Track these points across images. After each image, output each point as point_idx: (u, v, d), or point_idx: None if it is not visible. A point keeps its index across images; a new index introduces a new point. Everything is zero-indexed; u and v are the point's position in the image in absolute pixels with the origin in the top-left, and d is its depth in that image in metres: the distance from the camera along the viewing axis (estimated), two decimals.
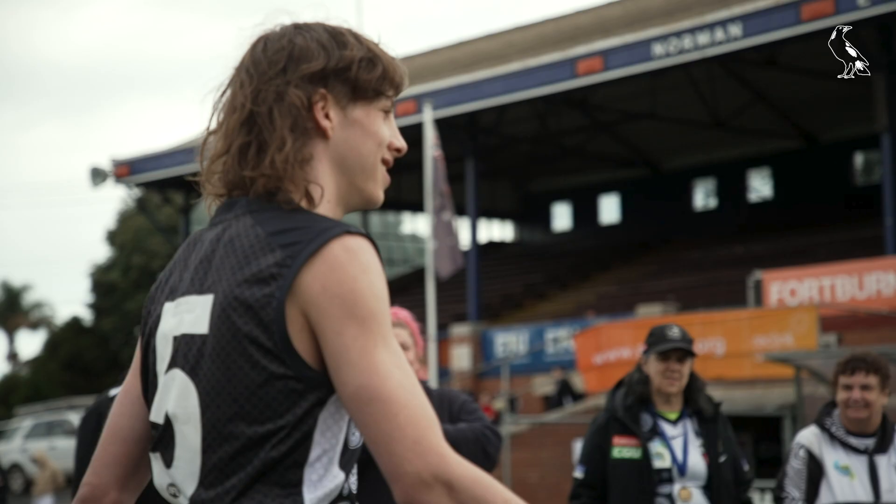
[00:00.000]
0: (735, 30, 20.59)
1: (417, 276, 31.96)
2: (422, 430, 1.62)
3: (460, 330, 26.10)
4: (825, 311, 17.97)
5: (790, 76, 25.41)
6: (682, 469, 4.73)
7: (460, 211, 30.67)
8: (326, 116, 1.81)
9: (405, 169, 30.93)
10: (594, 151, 31.34)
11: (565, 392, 20.82)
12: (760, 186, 31.95)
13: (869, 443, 4.76)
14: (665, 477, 4.72)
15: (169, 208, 35.15)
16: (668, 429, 4.80)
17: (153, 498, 2.07)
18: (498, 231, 38.17)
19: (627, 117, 28.64)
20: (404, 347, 4.31)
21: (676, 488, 4.72)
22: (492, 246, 35.95)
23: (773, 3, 20.29)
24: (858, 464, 4.73)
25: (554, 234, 35.88)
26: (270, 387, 1.67)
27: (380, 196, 1.86)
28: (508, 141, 29.11)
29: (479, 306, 26.27)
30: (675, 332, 4.85)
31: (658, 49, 21.54)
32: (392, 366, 1.65)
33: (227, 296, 1.70)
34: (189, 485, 1.73)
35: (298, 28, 1.83)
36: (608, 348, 17.80)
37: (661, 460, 4.74)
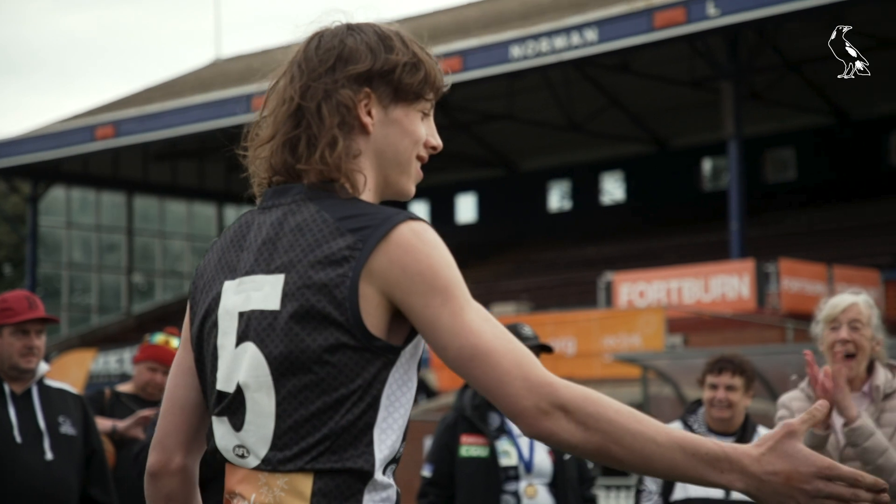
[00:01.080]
0: (590, 35, 20.98)
1: None
2: (526, 368, 1.79)
3: None
4: (672, 312, 18.43)
5: (643, 82, 25.99)
6: (528, 467, 4.81)
7: None
8: (368, 113, 1.94)
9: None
10: (452, 151, 31.55)
11: (418, 389, 20.89)
12: (613, 189, 32.59)
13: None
14: (511, 474, 4.80)
15: (16, 197, 34.18)
16: (516, 427, 4.87)
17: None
18: None
19: (485, 118, 28.91)
20: None
21: (522, 485, 4.79)
22: None
23: (627, 10, 20.73)
24: None
25: None
26: (342, 356, 1.81)
27: (411, 190, 2.02)
28: None
29: None
30: (528, 331, 4.94)
31: (516, 51, 21.81)
32: (481, 321, 1.81)
33: (302, 275, 1.83)
34: (261, 447, 1.85)
35: (351, 29, 1.97)
36: None
37: (508, 458, 4.81)
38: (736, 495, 4.76)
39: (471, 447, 4.83)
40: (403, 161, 1.98)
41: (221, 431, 1.91)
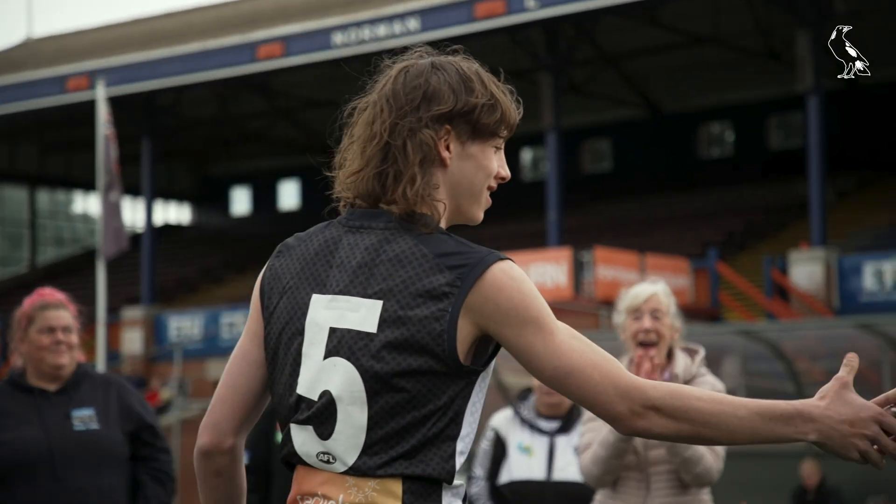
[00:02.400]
0: (413, 24, 21.11)
1: (88, 257, 30.94)
2: (614, 377, 2.01)
3: (132, 313, 25.49)
4: None
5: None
6: None
7: (136, 192, 29.94)
8: (447, 148, 2.11)
9: (77, 147, 29.88)
10: (275, 136, 31.32)
11: None
12: None
13: (555, 425, 5.01)
14: None
15: None
16: None
17: None
18: (175, 213, 37.48)
19: (308, 104, 28.79)
20: (68, 330, 4.23)
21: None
22: (168, 228, 35.25)
23: (448, 0, 20.93)
24: (540, 444, 4.97)
25: (233, 218, 35.60)
26: (432, 378, 2.00)
27: (480, 216, 2.20)
28: (187, 122, 28.63)
29: (152, 289, 25.73)
30: None
31: (338, 38, 21.78)
32: (568, 340, 2.04)
33: (402, 304, 2.01)
34: (351, 455, 2.02)
35: (434, 67, 2.15)
36: None
37: None
38: (557, 476, 4.92)
39: None
40: (476, 192, 2.15)
41: (303, 438, 2.06)
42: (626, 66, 26.35)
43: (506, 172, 2.19)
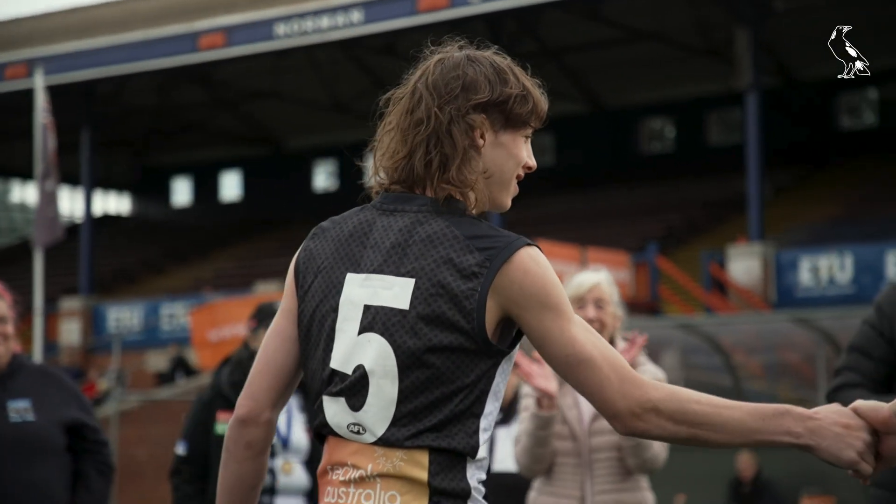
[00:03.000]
0: (356, 16, 21.06)
1: (25, 246, 30.54)
2: (621, 375, 2.10)
3: (70, 304, 25.22)
4: None
5: (407, 65, 26.21)
6: (285, 443, 4.85)
7: (76, 181, 29.60)
8: (482, 136, 2.21)
9: (15, 136, 29.46)
10: (217, 127, 31.10)
11: (179, 368, 20.59)
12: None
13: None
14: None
15: None
16: None
17: None
18: (115, 203, 37.10)
19: (251, 95, 28.61)
20: (4, 320, 4.19)
21: (279, 462, 4.83)
22: (108, 218, 34.89)
23: None
24: None
25: (173, 209, 35.30)
26: (462, 355, 2.09)
27: (508, 203, 2.28)
28: (128, 112, 28.35)
29: (91, 280, 25.47)
30: None
31: (281, 29, 21.67)
32: (584, 332, 2.12)
33: (433, 283, 2.10)
34: (380, 426, 2.11)
35: (470, 60, 2.24)
36: (224, 325, 17.76)
37: None
38: (496, 468, 4.95)
39: (227, 424, 4.83)
40: (507, 179, 2.24)
41: (335, 410, 2.15)
42: (568, 60, 26.46)
43: (533, 162, 2.27)
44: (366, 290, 2.15)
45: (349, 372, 2.13)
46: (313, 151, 32.70)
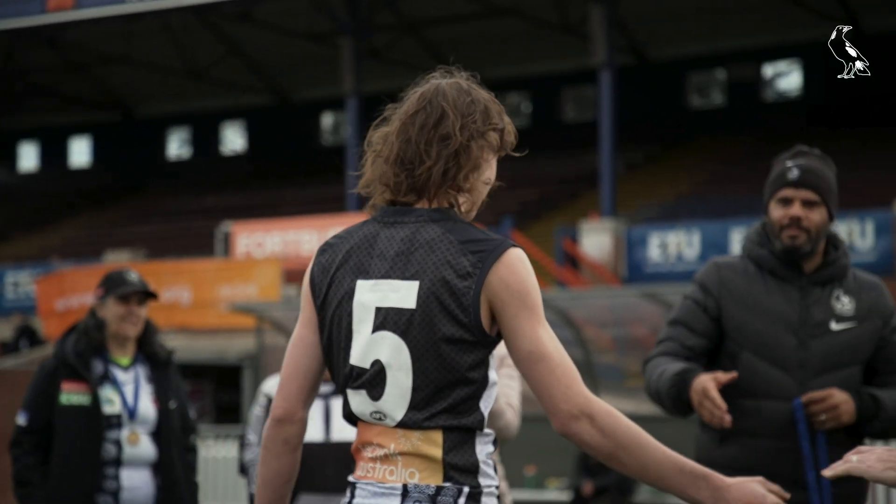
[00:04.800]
0: None
1: None
2: (570, 380, 2.39)
3: None
4: (289, 264, 18.64)
5: (264, 33, 25.93)
6: (132, 414, 4.78)
7: None
8: (488, 153, 2.55)
9: None
10: (65, 91, 30.26)
11: (24, 337, 20.06)
12: (233, 139, 32.41)
13: (328, 388, 4.99)
14: (114, 422, 4.74)
15: None
16: (120, 374, 4.83)
17: None
18: None
19: (102, 59, 27.92)
20: None
21: (125, 433, 4.76)
22: None
23: None
24: (315, 407, 4.97)
25: (19, 175, 34.26)
26: (463, 346, 2.40)
27: (472, 216, 2.57)
28: None
29: None
30: (134, 276, 4.89)
31: None
32: (549, 337, 2.42)
33: (435, 283, 2.40)
34: (398, 412, 2.43)
35: (469, 87, 2.57)
36: (72, 294, 17.39)
37: (112, 406, 4.75)
38: (335, 437, 4.96)
39: (72, 394, 4.73)
40: (484, 193, 2.58)
41: (358, 401, 2.47)
42: (426, 33, 26.49)
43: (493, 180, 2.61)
44: (375, 294, 2.45)
45: (367, 366, 2.44)
46: (167, 119, 32.10)
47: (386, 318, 2.43)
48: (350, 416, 2.52)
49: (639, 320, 14.47)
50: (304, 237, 20.30)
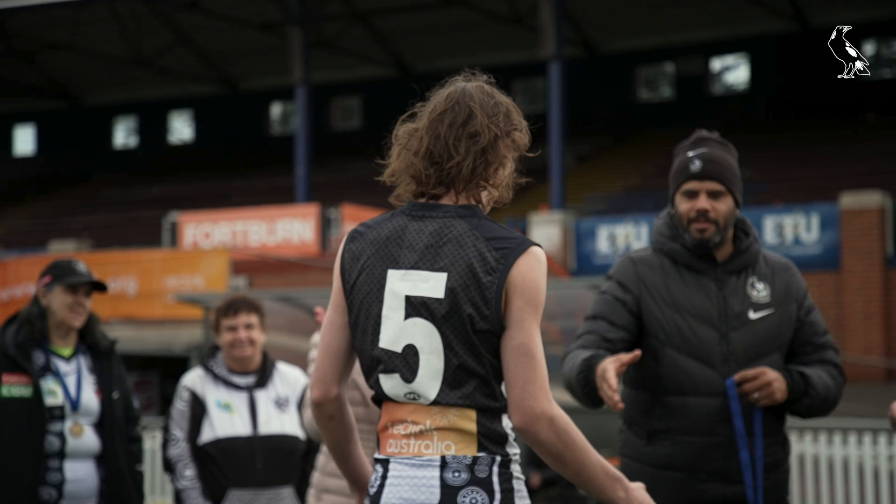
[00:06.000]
0: None
1: None
2: (544, 383, 2.60)
3: None
4: (237, 254, 18.53)
5: (213, 22, 25.75)
6: (74, 405, 4.72)
7: None
8: (511, 151, 2.74)
9: None
10: (9, 78, 29.87)
11: None
12: (181, 129, 32.16)
13: (251, 380, 5.09)
14: (57, 414, 4.68)
15: None
16: (62, 365, 4.76)
17: None
18: None
19: (47, 46, 27.59)
20: None
21: (68, 425, 4.70)
22: None
23: None
24: (239, 400, 5.05)
25: None
26: (487, 336, 2.60)
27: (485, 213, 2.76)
28: None
29: None
30: (82, 267, 4.83)
31: None
32: (539, 338, 2.61)
33: (463, 276, 2.60)
34: (432, 392, 2.62)
35: (492, 90, 2.73)
36: (15, 284, 17.16)
37: (54, 397, 4.69)
38: (262, 430, 5.00)
39: (13, 387, 4.66)
40: (503, 191, 2.76)
41: (391, 384, 2.65)
42: (376, 23, 26.41)
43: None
44: (406, 283, 2.62)
45: (399, 350, 2.63)
46: (113, 107, 31.80)
47: (417, 306, 2.61)
48: (379, 397, 2.68)
49: (586, 312, 14.54)
50: (252, 228, 20.19)
